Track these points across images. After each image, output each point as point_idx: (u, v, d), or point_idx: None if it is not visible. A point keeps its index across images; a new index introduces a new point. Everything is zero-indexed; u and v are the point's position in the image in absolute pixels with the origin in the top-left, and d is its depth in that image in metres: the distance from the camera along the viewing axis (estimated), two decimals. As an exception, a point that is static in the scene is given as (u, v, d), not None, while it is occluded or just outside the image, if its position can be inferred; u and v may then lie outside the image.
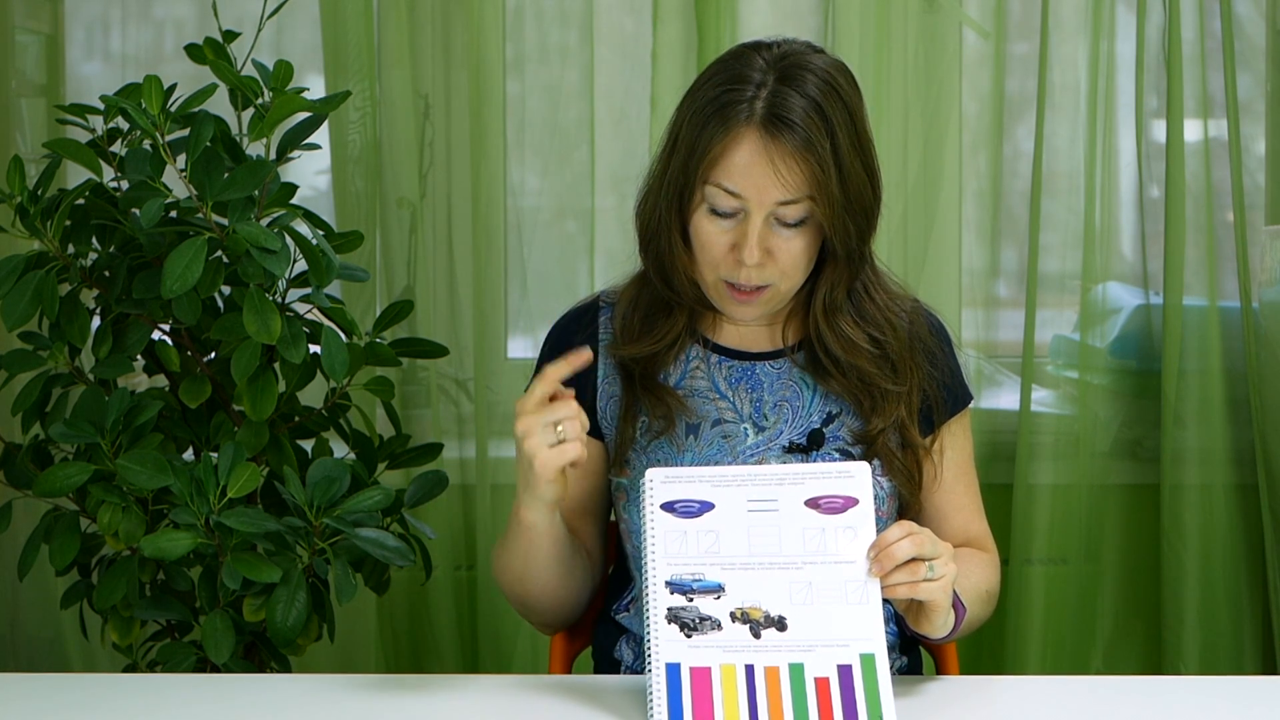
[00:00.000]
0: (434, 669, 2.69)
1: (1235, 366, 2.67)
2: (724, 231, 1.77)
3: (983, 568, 1.89)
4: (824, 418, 1.87)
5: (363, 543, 1.87)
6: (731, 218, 1.77)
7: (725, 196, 1.75)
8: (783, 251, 1.77)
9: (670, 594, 1.61)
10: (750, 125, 1.74)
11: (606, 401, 1.91)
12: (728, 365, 1.90)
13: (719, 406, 1.88)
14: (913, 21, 2.65)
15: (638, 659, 1.90)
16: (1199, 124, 2.64)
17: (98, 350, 2.01)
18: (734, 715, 1.55)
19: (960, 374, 1.96)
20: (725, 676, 1.57)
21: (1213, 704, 1.68)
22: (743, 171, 1.74)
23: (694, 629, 1.60)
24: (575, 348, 1.88)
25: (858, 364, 1.85)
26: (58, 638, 2.71)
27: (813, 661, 1.58)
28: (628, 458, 1.88)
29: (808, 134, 1.72)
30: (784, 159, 1.72)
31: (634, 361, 1.89)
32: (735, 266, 1.77)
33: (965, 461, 1.95)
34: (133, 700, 1.70)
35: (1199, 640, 2.66)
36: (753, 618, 1.60)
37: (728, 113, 1.74)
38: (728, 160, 1.74)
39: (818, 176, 1.73)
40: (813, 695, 1.56)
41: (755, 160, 1.73)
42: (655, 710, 1.56)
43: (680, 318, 1.89)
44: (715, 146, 1.74)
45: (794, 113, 1.72)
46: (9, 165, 2.00)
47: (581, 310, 1.97)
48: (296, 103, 1.97)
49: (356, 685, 1.76)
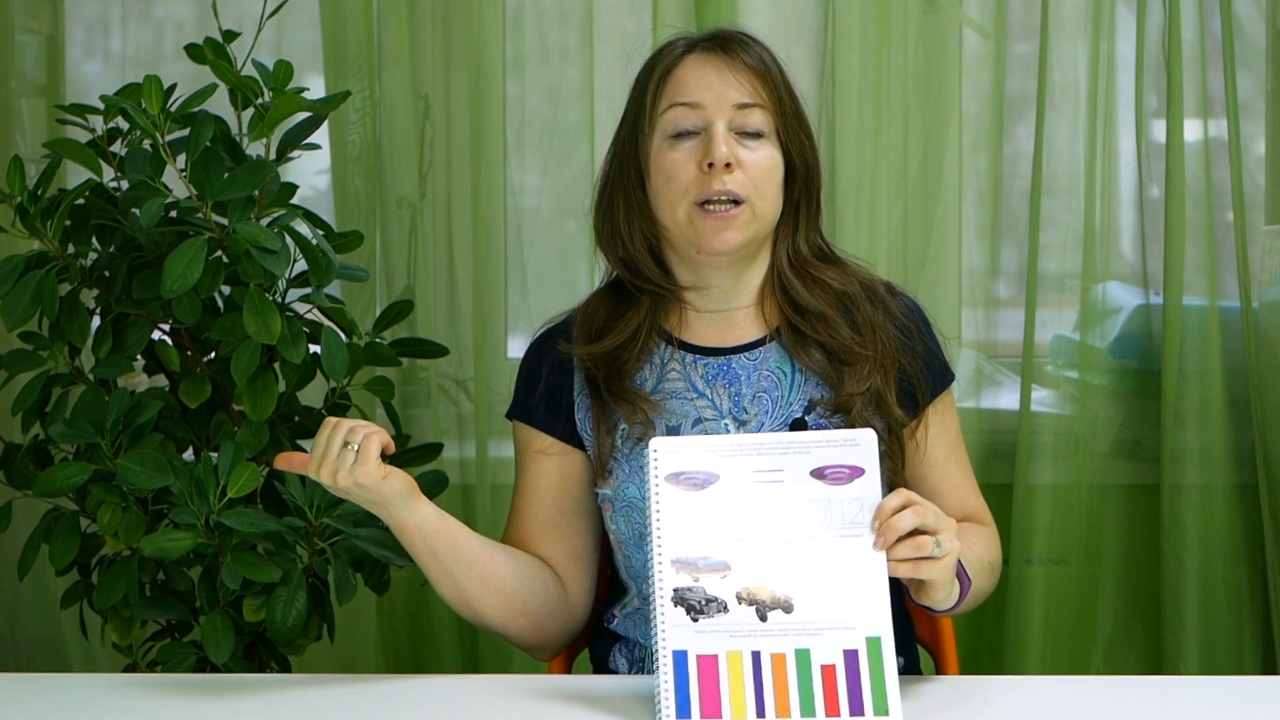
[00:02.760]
0: (434, 669, 2.69)
1: (1235, 366, 2.67)
2: (688, 153, 1.81)
3: (984, 540, 1.89)
4: (805, 406, 1.86)
5: (363, 542, 1.87)
6: (693, 137, 1.81)
7: (684, 111, 1.81)
8: (750, 162, 1.81)
9: (676, 573, 1.60)
10: (693, 52, 1.84)
11: (584, 414, 1.90)
12: (703, 363, 1.89)
13: (698, 405, 1.87)
14: (913, 21, 2.65)
15: (632, 667, 1.90)
16: (1199, 124, 2.64)
17: (98, 350, 2.01)
18: (740, 705, 1.56)
19: (941, 354, 1.95)
20: (732, 665, 1.57)
21: (1213, 704, 1.68)
22: (696, 82, 1.82)
23: (700, 612, 1.59)
24: (547, 365, 1.88)
25: (827, 315, 1.86)
26: (58, 638, 2.71)
27: (819, 647, 1.58)
28: (610, 468, 1.87)
29: (755, 50, 1.84)
30: (733, 66, 1.82)
31: (598, 365, 1.87)
32: (706, 180, 1.80)
33: (954, 439, 1.94)
34: (133, 700, 1.70)
35: (1199, 640, 2.66)
36: (759, 599, 1.59)
37: (663, 58, 1.85)
38: (678, 81, 1.82)
39: (767, 86, 1.82)
40: (819, 684, 1.56)
41: (705, 69, 1.82)
42: (663, 701, 1.56)
43: (642, 307, 1.88)
44: (660, 80, 1.82)
45: (734, 33, 1.85)
46: (9, 165, 2.00)
47: (553, 329, 1.96)
48: (296, 103, 1.97)
49: (356, 685, 1.77)
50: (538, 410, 1.91)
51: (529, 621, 1.85)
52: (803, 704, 1.55)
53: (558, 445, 1.90)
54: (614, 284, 1.93)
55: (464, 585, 1.79)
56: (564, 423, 1.90)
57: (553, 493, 1.89)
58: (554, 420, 1.90)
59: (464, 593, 1.80)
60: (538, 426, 1.91)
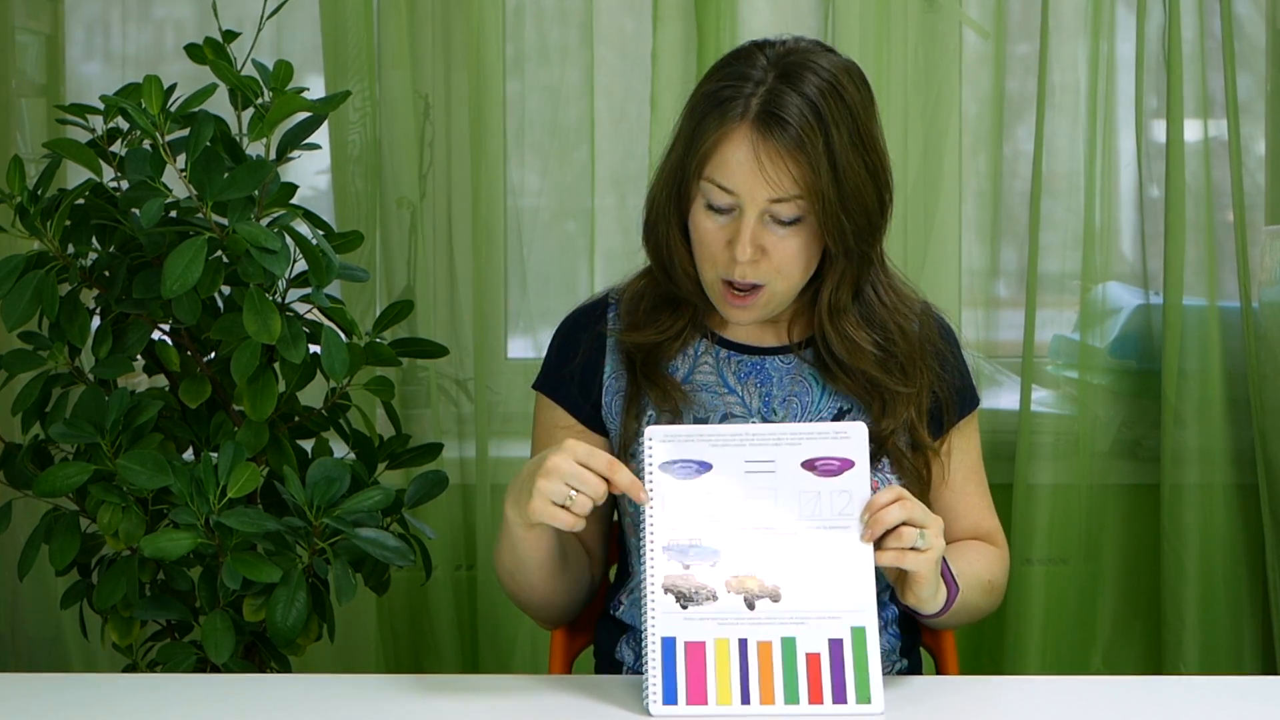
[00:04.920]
0: (434, 669, 2.69)
1: (1235, 366, 2.67)
2: (720, 228, 1.78)
3: (987, 558, 1.89)
4: (834, 413, 1.87)
5: (363, 543, 1.87)
6: (727, 214, 1.77)
7: (719, 193, 1.76)
8: (777, 249, 1.77)
9: (668, 560, 1.63)
10: (744, 122, 1.74)
11: (612, 397, 1.91)
12: (736, 360, 1.90)
13: (727, 401, 1.88)
14: (913, 21, 2.65)
15: (638, 660, 1.90)
16: (1199, 124, 2.64)
17: (98, 350, 2.01)
18: (726, 691, 1.58)
19: (969, 376, 1.96)
20: (719, 652, 1.60)
21: (1213, 704, 1.68)
22: (734, 169, 1.74)
23: (690, 599, 1.62)
24: (584, 344, 1.88)
25: (862, 368, 1.85)
26: (58, 638, 2.71)
27: (805, 635, 1.60)
28: (633, 451, 1.87)
29: (799, 133, 1.72)
30: (772, 158, 1.72)
31: (637, 349, 1.89)
32: (731, 263, 1.77)
33: (975, 462, 1.95)
34: (133, 700, 1.70)
35: (1199, 640, 2.66)
36: (748, 588, 1.62)
37: (724, 109, 1.75)
38: (721, 157, 1.75)
39: (808, 176, 1.73)
40: (803, 672, 1.58)
41: (746, 158, 1.73)
42: (650, 685, 1.59)
43: (686, 312, 1.89)
44: (709, 142, 1.75)
45: (788, 111, 1.72)
46: (9, 165, 2.00)
47: (590, 307, 1.97)
48: (296, 103, 1.97)
49: (356, 685, 1.76)
50: (567, 388, 1.91)
51: (555, 612, 1.91)
52: (787, 691, 1.58)
53: (579, 426, 1.91)
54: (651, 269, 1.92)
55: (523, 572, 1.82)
56: (591, 405, 1.91)
57: None
58: (582, 402, 1.92)
59: (518, 577, 1.83)
60: (564, 405, 1.92)
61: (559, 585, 1.86)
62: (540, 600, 1.87)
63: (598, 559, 1.96)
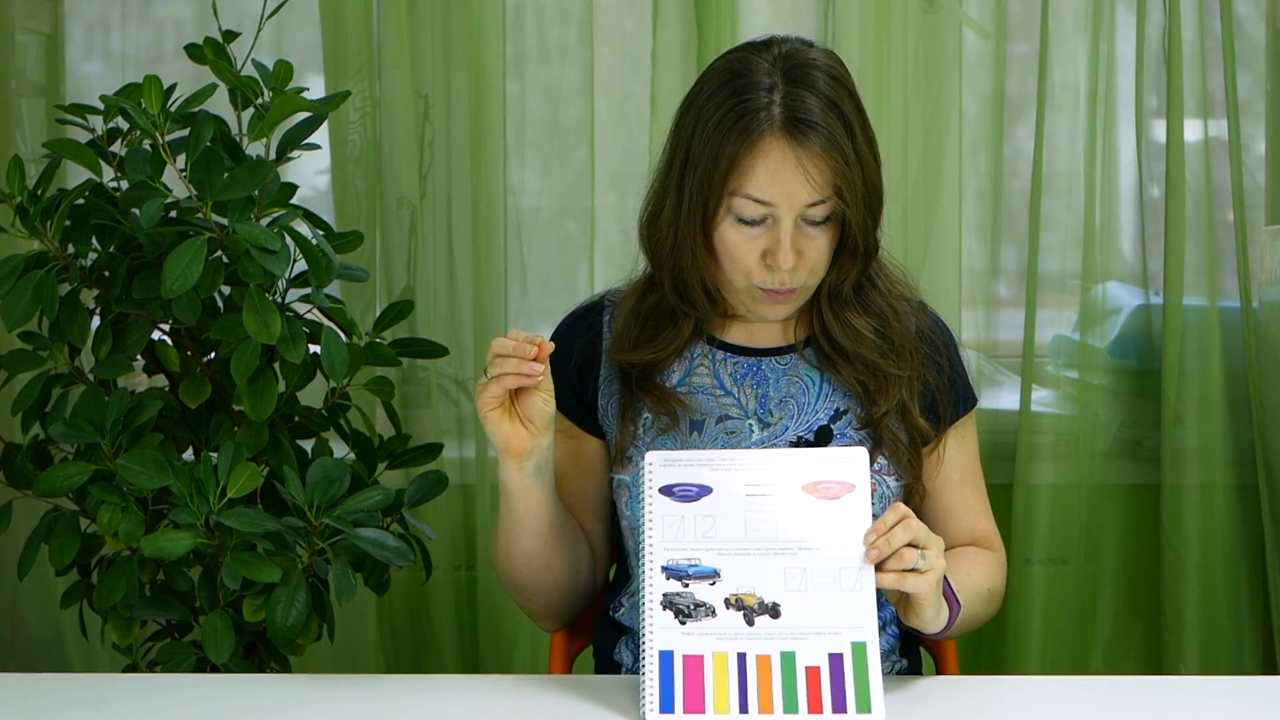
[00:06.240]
0: (434, 669, 2.69)
1: (1235, 366, 2.67)
2: (752, 239, 1.77)
3: (985, 566, 1.89)
4: (831, 414, 1.87)
5: (363, 543, 1.87)
6: (759, 225, 1.77)
7: (752, 205, 1.75)
8: (811, 250, 1.78)
9: (666, 579, 1.63)
10: (773, 133, 1.73)
11: (608, 400, 1.91)
12: (733, 361, 1.90)
13: (723, 403, 1.88)
14: (913, 21, 2.65)
15: (637, 661, 1.90)
16: (1199, 124, 2.64)
17: (98, 350, 2.01)
18: (724, 700, 1.57)
19: (966, 376, 1.96)
20: (717, 665, 1.59)
21: (1213, 704, 1.68)
22: (771, 179, 1.74)
23: (688, 615, 1.62)
24: (578, 348, 1.89)
25: (863, 353, 1.86)
26: (58, 638, 2.71)
27: (804, 650, 1.59)
28: (630, 454, 1.88)
29: (829, 132, 1.73)
30: (812, 161, 1.73)
31: (632, 366, 1.89)
32: (768, 272, 1.78)
33: (972, 463, 1.95)
34: (133, 700, 1.70)
35: (1199, 640, 2.66)
36: (747, 604, 1.62)
37: (747, 123, 1.74)
38: (755, 171, 1.74)
39: (842, 172, 1.74)
40: (803, 684, 1.58)
41: (783, 166, 1.73)
42: (647, 697, 1.58)
43: (686, 328, 1.89)
44: (741, 159, 1.74)
45: (813, 114, 1.73)
46: (9, 165, 2.00)
47: (585, 310, 1.97)
48: (296, 103, 1.97)
49: (356, 685, 1.76)
50: (562, 392, 1.92)
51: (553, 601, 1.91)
52: (786, 700, 1.57)
53: (575, 429, 1.92)
54: (652, 279, 1.91)
55: (518, 547, 1.83)
56: (586, 409, 1.92)
57: (562, 469, 1.90)
58: (577, 405, 1.92)
59: (513, 554, 1.84)
60: (559, 408, 1.92)
61: (555, 561, 1.85)
62: (537, 581, 1.87)
63: (600, 557, 1.97)
